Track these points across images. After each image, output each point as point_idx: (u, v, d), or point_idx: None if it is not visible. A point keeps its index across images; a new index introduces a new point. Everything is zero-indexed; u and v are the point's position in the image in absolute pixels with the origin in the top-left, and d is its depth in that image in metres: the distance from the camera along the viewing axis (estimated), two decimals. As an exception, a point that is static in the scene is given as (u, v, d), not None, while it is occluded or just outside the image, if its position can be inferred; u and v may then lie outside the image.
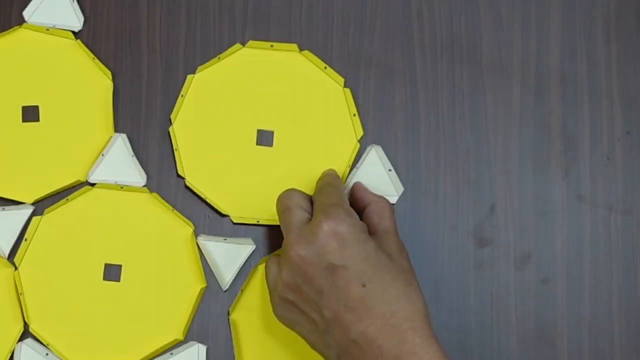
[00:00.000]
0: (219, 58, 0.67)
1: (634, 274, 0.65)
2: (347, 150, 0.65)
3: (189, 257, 0.64)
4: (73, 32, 0.68)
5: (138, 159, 0.66)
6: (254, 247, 0.65)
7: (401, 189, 0.65)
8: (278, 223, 0.61)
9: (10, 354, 0.63)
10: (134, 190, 0.65)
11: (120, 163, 0.66)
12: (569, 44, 0.68)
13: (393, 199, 0.64)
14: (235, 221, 0.65)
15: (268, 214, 0.65)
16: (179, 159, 0.65)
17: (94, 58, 0.67)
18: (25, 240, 0.64)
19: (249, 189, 0.65)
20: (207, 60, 0.68)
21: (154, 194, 0.65)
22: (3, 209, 0.65)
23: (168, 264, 0.64)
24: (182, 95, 0.66)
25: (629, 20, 0.68)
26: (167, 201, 0.65)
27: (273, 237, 0.65)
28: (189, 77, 0.66)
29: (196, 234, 0.65)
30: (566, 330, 0.64)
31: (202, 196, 0.65)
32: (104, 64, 0.68)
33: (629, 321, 0.64)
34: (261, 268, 0.64)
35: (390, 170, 0.65)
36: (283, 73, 0.66)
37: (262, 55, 0.67)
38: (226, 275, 0.64)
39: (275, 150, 0.65)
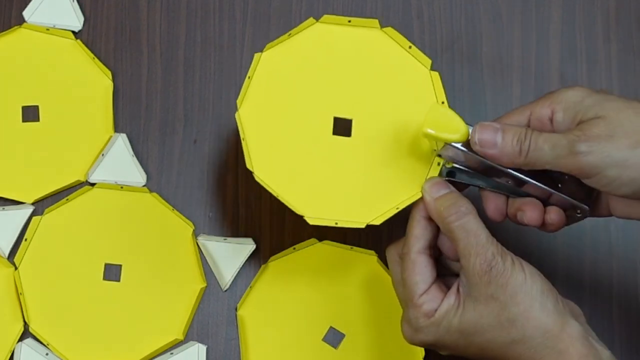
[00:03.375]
0: (289, 34, 0.59)
1: (634, 274, 0.65)
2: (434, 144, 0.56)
3: (189, 257, 0.64)
4: (73, 32, 0.68)
5: (138, 159, 0.66)
6: (254, 246, 0.65)
7: None
8: (358, 225, 0.56)
9: (10, 354, 0.63)
10: (134, 190, 0.65)
11: (120, 163, 0.66)
12: (569, 44, 0.68)
13: None
14: (311, 223, 0.56)
15: (347, 214, 0.57)
16: (247, 150, 0.57)
17: (94, 58, 0.67)
18: (25, 240, 0.64)
19: (324, 185, 0.57)
20: (207, 60, 0.68)
21: (154, 194, 0.65)
22: (3, 209, 0.65)
23: (168, 264, 0.64)
24: (248, 77, 0.59)
25: (629, 19, 0.68)
26: (167, 201, 0.65)
27: (274, 237, 0.65)
28: (257, 55, 0.59)
29: (196, 234, 0.65)
30: (566, 330, 0.64)
31: (274, 193, 0.57)
32: (104, 64, 0.68)
33: (629, 321, 0.64)
34: (271, 265, 0.64)
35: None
36: (361, 53, 0.59)
37: (338, 31, 0.59)
38: (226, 275, 0.64)
39: (354, 140, 0.58)
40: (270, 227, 0.66)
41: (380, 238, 0.65)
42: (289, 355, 0.63)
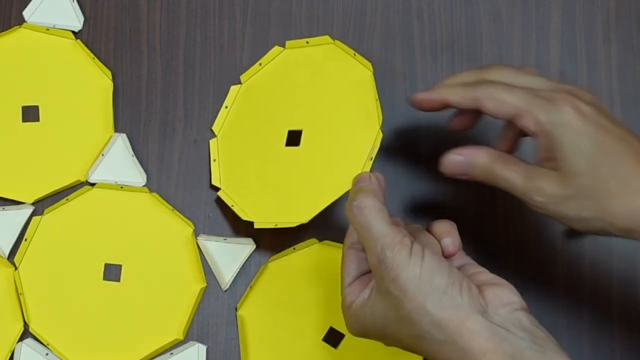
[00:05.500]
0: (260, 64, 0.66)
1: (634, 274, 0.65)
2: (368, 139, 0.60)
3: (189, 257, 0.65)
4: (73, 32, 0.68)
5: (138, 159, 0.66)
6: (254, 247, 0.65)
7: None
8: (293, 224, 0.60)
9: (10, 354, 0.63)
10: (134, 190, 0.65)
11: (120, 163, 0.66)
12: (569, 44, 0.68)
13: None
14: (256, 226, 0.62)
15: (289, 216, 0.62)
16: (216, 170, 0.65)
17: (94, 58, 0.68)
18: (25, 240, 0.64)
19: (273, 192, 0.63)
20: (207, 60, 0.68)
21: (154, 194, 0.65)
22: (3, 209, 0.65)
23: (168, 264, 0.64)
24: (226, 107, 0.66)
25: (629, 20, 0.68)
26: (167, 201, 0.65)
27: (274, 237, 0.65)
28: (234, 88, 0.66)
29: (196, 234, 0.65)
30: (566, 330, 0.64)
31: (229, 204, 0.64)
32: (104, 64, 0.68)
33: (629, 321, 0.64)
34: (271, 266, 0.64)
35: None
36: (316, 67, 0.64)
37: (299, 53, 0.66)
38: (226, 275, 0.64)
39: (301, 149, 0.63)
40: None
41: (380, 238, 0.65)
42: (289, 355, 0.63)
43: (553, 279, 0.65)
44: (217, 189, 0.65)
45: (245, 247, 0.64)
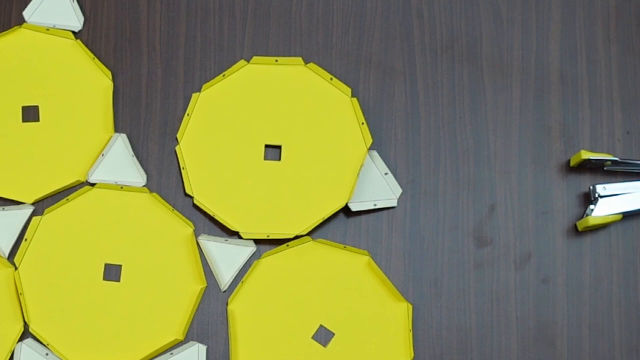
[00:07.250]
0: (223, 75, 0.67)
1: (634, 274, 0.65)
2: (357, 159, 0.65)
3: (189, 257, 0.65)
4: (73, 32, 0.68)
5: (138, 159, 0.66)
6: (255, 249, 0.65)
7: (399, 191, 0.65)
8: (287, 236, 0.63)
9: (10, 354, 0.63)
10: (134, 190, 0.65)
11: (120, 163, 0.66)
12: (569, 44, 0.68)
13: (392, 202, 0.65)
14: (245, 237, 0.64)
15: (278, 228, 0.64)
16: (187, 178, 0.65)
17: (94, 58, 0.68)
18: (25, 240, 0.65)
19: (257, 204, 0.65)
20: (207, 60, 0.68)
21: (154, 194, 0.65)
22: (3, 209, 0.65)
23: (168, 264, 0.64)
24: (187, 114, 0.66)
25: (629, 20, 0.68)
26: (167, 201, 0.65)
27: (274, 240, 0.65)
28: (194, 95, 0.66)
29: (196, 234, 0.65)
30: (566, 330, 0.64)
31: (211, 214, 0.64)
32: (104, 64, 0.68)
33: (629, 321, 0.64)
34: (264, 262, 0.64)
35: (386, 174, 0.65)
36: (289, 87, 0.66)
37: (266, 70, 0.67)
38: (226, 275, 0.64)
39: (283, 164, 0.65)
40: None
41: (379, 239, 0.65)
42: (278, 351, 0.63)
43: (553, 279, 0.65)
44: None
45: (245, 249, 0.64)
